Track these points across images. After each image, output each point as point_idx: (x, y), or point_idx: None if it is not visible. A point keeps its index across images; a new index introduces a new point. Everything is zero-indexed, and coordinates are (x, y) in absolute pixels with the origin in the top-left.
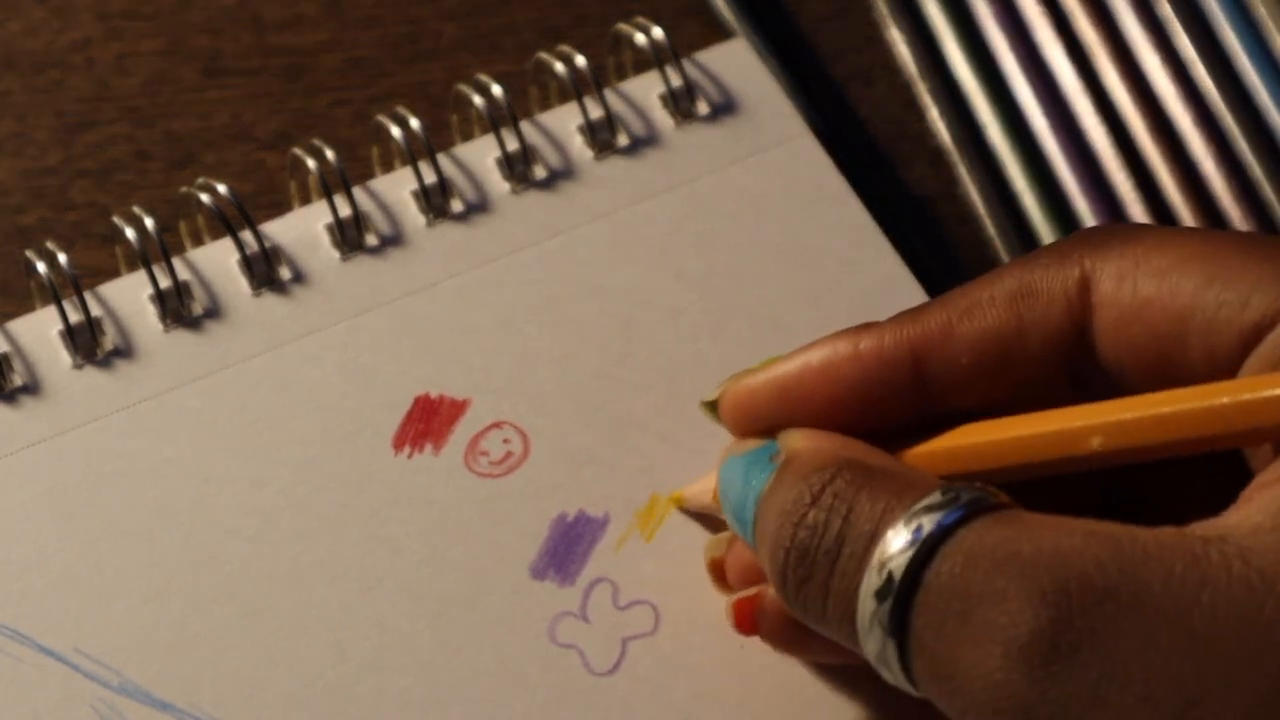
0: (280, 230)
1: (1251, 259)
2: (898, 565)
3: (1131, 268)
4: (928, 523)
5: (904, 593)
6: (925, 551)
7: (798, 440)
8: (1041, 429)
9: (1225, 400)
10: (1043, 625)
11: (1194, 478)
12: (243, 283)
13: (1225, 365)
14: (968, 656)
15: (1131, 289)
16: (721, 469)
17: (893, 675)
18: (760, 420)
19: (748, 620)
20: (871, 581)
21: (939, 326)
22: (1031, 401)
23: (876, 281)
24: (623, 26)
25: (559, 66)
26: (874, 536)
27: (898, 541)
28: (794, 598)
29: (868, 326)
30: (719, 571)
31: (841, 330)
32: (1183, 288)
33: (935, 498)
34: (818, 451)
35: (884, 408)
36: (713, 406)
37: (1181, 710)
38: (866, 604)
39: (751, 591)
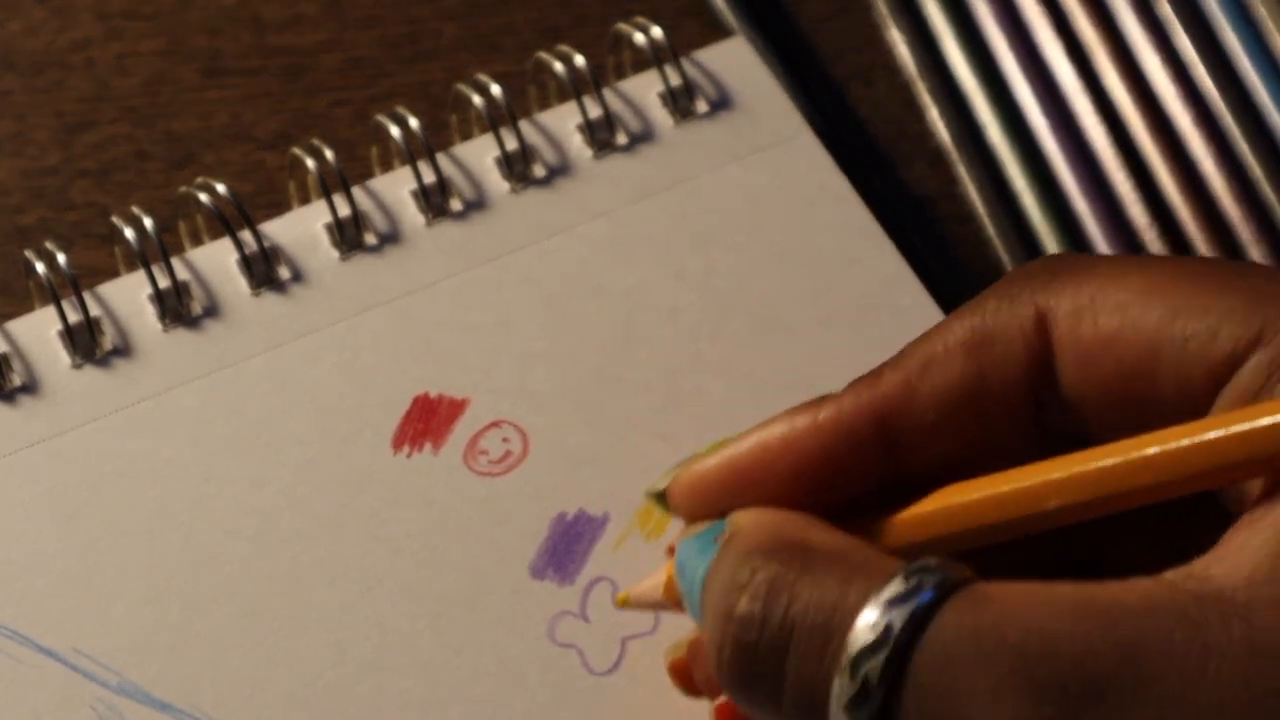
0: (279, 230)
1: (1215, 288)
2: (874, 669)
3: (1088, 303)
4: (897, 618)
5: (884, 699)
6: (901, 649)
7: (744, 518)
8: (1007, 488)
9: (1185, 443)
10: None
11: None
12: (242, 282)
13: (1199, 398)
14: None
15: (1092, 325)
16: (676, 553)
17: None
18: (715, 506)
19: None
20: (844, 687)
21: (898, 387)
22: (1000, 450)
23: (877, 280)
24: (622, 26)
25: (558, 66)
26: (829, 632)
27: (867, 639)
28: (740, 694)
29: (824, 398)
30: (683, 675)
31: (795, 406)
32: (1146, 322)
33: (898, 586)
34: (758, 529)
35: (849, 478)
36: (661, 496)
37: None
38: (840, 714)
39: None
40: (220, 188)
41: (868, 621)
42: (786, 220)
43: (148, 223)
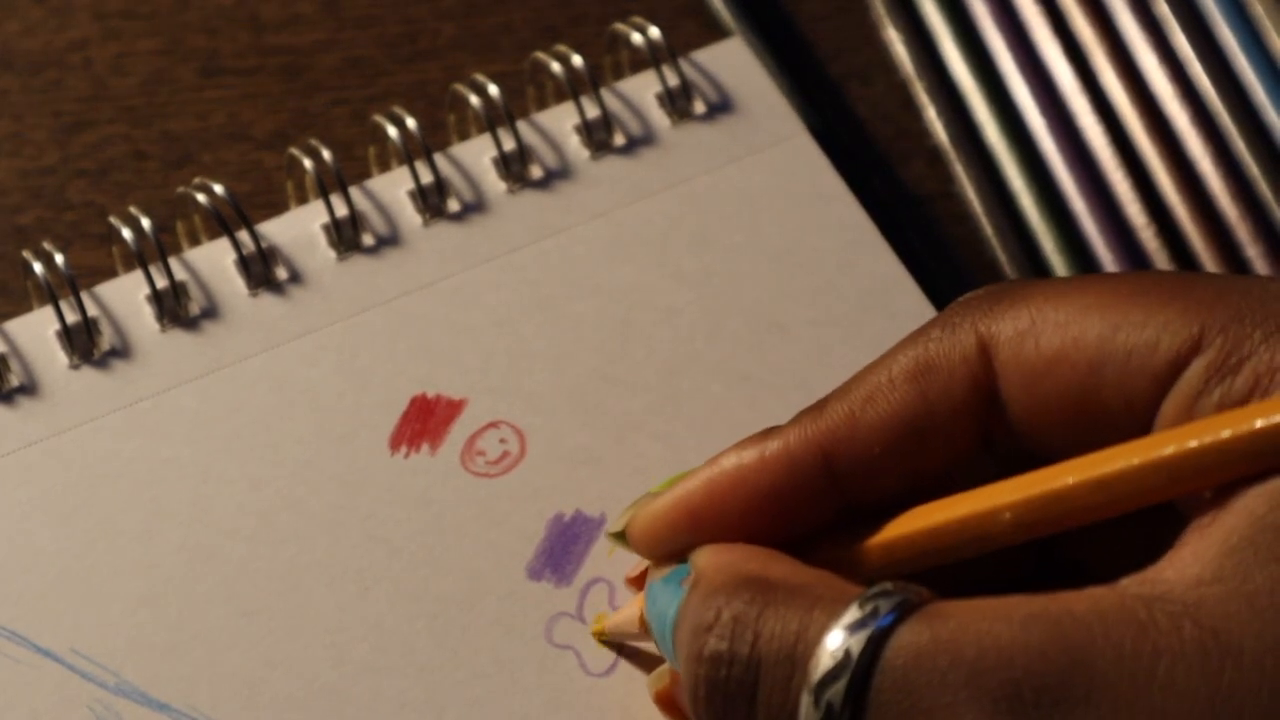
0: (277, 230)
1: (1153, 301)
2: (836, 694)
3: (1028, 326)
4: (855, 644)
5: (856, 685)
6: (861, 673)
7: (704, 558)
8: (957, 514)
9: (1136, 461)
10: None
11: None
12: (239, 283)
13: (1143, 410)
14: None
15: (1034, 347)
16: (646, 597)
17: None
18: (673, 544)
19: None
20: (810, 715)
21: (843, 419)
22: (950, 477)
23: (873, 281)
24: (619, 26)
25: (555, 66)
26: (794, 662)
27: (828, 665)
28: (703, 713)
29: (770, 431)
30: (669, 704)
31: (743, 440)
32: (1087, 339)
33: (856, 612)
34: (719, 569)
35: (800, 511)
36: (621, 536)
37: None
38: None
39: None
40: (218, 188)
41: (829, 649)
42: (783, 221)
43: (145, 223)
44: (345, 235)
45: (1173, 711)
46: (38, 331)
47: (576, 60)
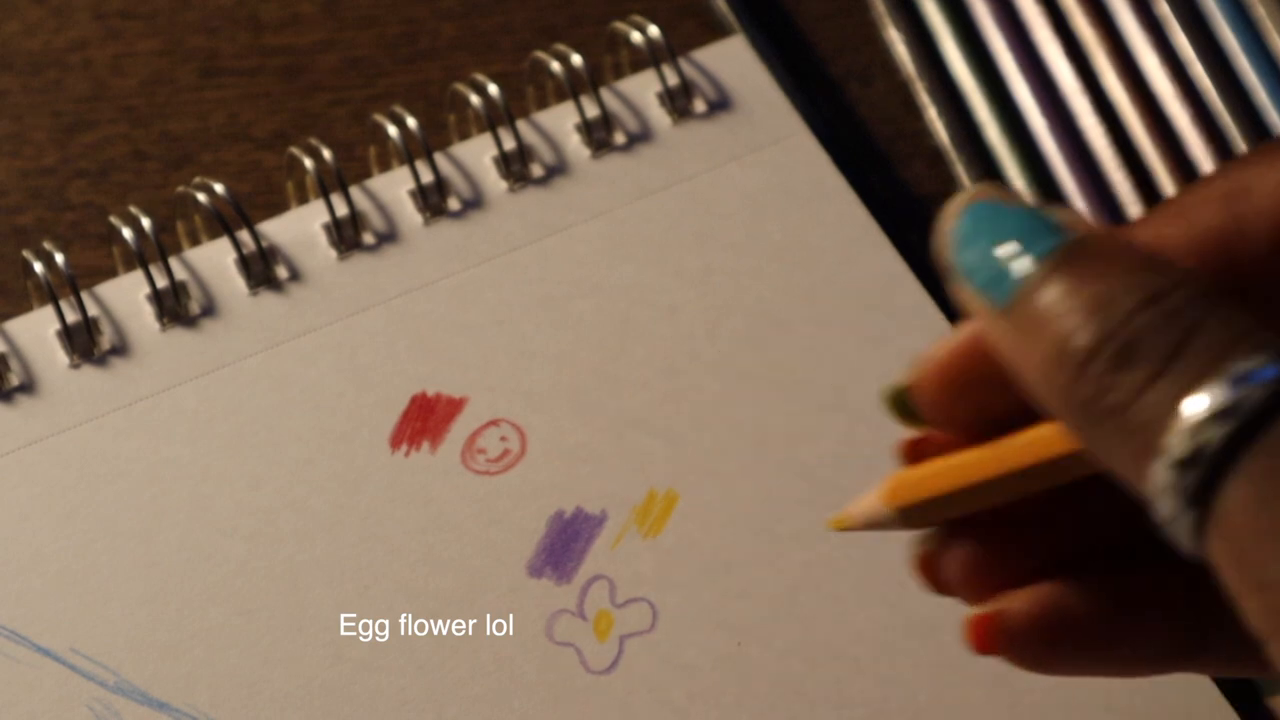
0: (277, 230)
1: None
2: (1256, 394)
3: None
4: None
5: (1256, 418)
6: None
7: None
8: None
9: None
10: None
11: None
12: (239, 282)
13: None
14: None
15: None
16: (961, 219)
17: (1181, 507)
18: (981, 387)
19: (988, 639)
20: (1217, 397)
21: (1148, 236)
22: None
23: (875, 278)
24: (619, 25)
25: (555, 65)
26: (1224, 352)
27: (1258, 363)
28: (1091, 375)
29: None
30: (929, 568)
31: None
32: None
33: None
34: (1145, 250)
35: None
36: (899, 399)
37: None
38: (1195, 418)
39: (992, 608)
40: (218, 188)
41: (1265, 353)
42: (784, 219)
43: (145, 223)
44: (345, 234)
45: None
46: (38, 331)
47: (576, 59)
